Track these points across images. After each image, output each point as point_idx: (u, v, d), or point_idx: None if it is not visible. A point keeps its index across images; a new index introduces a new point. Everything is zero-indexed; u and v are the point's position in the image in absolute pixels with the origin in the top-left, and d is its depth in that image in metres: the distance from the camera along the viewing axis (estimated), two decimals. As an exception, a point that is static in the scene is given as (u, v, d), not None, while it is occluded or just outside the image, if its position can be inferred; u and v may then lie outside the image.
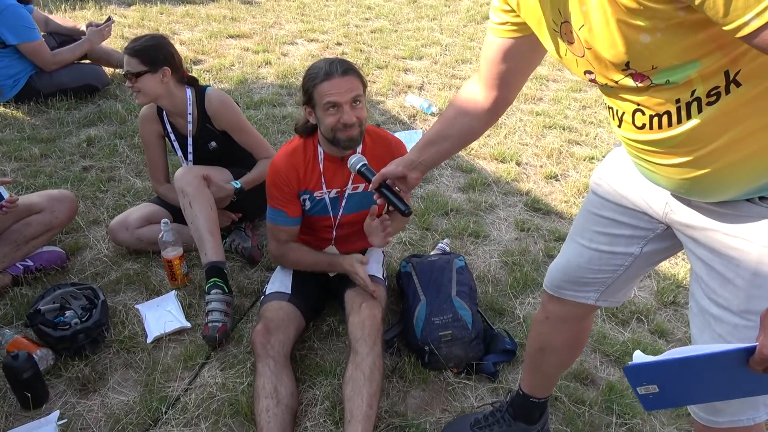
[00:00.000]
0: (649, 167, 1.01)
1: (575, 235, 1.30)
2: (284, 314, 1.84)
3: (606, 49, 0.85)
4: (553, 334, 1.45)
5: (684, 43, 0.78)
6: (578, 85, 4.31)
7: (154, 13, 5.24)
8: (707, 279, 1.02)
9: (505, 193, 2.91)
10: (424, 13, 6.05)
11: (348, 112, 1.69)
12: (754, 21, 0.66)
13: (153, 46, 2.11)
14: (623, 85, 0.89)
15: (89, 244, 2.33)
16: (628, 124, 0.96)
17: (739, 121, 0.85)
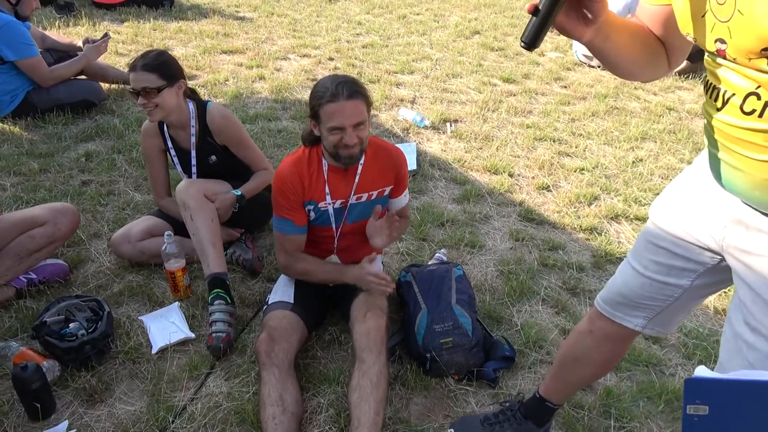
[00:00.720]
0: (736, 162, 0.98)
1: (632, 259, 1.32)
2: (287, 323, 1.87)
3: (761, 19, 0.81)
4: (594, 348, 1.48)
5: None
6: (566, 98, 4.42)
7: (147, 30, 5.28)
8: (750, 305, 1.03)
9: (498, 204, 2.97)
10: (413, 28, 6.16)
11: (351, 134, 1.73)
12: None
13: (167, 61, 2.16)
14: (754, 64, 0.86)
15: (91, 257, 2.35)
16: (734, 108, 0.93)
17: None
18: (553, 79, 4.90)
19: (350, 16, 6.44)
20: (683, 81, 5.07)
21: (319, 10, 6.56)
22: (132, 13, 5.71)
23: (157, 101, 2.10)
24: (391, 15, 6.65)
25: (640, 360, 2.03)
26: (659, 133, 3.95)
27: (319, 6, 6.76)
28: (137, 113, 3.60)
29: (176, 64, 2.18)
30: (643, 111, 4.35)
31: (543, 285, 2.39)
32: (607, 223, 2.86)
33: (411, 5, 7.18)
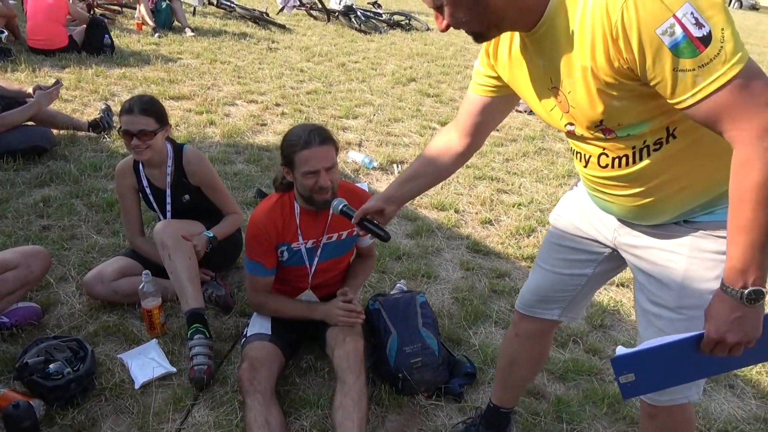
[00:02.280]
0: (606, 198, 1.31)
1: (540, 262, 1.60)
2: (266, 353, 2.00)
3: (587, 109, 1.13)
4: (522, 349, 1.73)
5: (641, 108, 1.08)
6: (500, 140, 4.82)
7: (90, 76, 5.30)
8: (648, 285, 1.33)
9: (448, 238, 3.22)
10: (353, 75, 6.49)
11: (324, 177, 1.91)
12: (689, 99, 0.98)
13: (159, 105, 2.31)
14: (595, 135, 1.18)
15: (60, 300, 2.37)
16: (593, 165, 1.25)
17: (674, 163, 1.16)
18: (486, 123, 5.30)
19: (292, 63, 6.70)
20: (599, 124, 5.62)
21: (261, 58, 6.79)
22: (72, 59, 5.70)
23: (150, 143, 2.23)
24: (330, 63, 6.96)
25: (584, 370, 2.30)
26: (583, 171, 4.39)
27: (260, 54, 6.99)
28: (91, 158, 3.63)
29: (165, 110, 2.33)
30: (567, 151, 4.81)
31: (494, 309, 2.63)
32: (545, 252, 3.16)
33: (348, 54, 7.54)
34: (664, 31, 0.94)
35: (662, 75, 0.98)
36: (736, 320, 1.07)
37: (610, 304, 2.75)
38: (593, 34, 1.02)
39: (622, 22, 0.96)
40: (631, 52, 0.98)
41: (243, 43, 7.38)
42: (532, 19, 1.11)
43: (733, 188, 1.03)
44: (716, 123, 1.00)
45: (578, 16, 1.04)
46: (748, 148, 0.98)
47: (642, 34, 0.96)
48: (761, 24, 23.86)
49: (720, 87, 0.96)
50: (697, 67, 0.95)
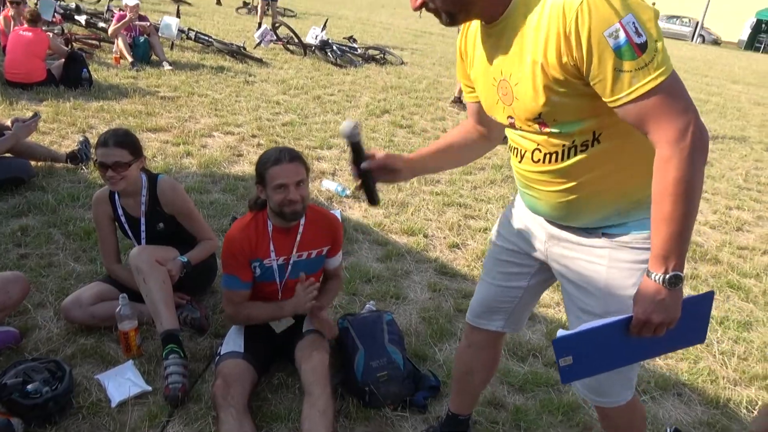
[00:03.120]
0: (535, 194, 1.45)
1: (484, 276, 1.75)
2: (240, 369, 2.10)
3: (529, 101, 1.25)
4: (475, 358, 1.87)
5: (577, 106, 1.22)
6: (468, 169, 5.02)
7: (68, 109, 5.40)
8: (576, 293, 1.48)
9: (417, 261, 3.37)
10: (328, 107, 6.70)
11: (293, 191, 2.07)
12: (624, 98, 1.13)
13: (133, 137, 2.43)
14: (532, 129, 1.31)
15: (38, 325, 2.45)
16: (527, 160, 1.39)
17: (596, 166, 1.30)
18: (455, 152, 5.52)
19: (268, 96, 6.88)
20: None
21: (238, 91, 6.96)
22: (50, 92, 5.80)
23: (124, 174, 2.34)
24: (306, 95, 7.17)
25: (542, 382, 2.43)
26: (547, 196, 4.60)
27: (238, 87, 7.16)
28: (69, 189, 3.72)
29: (139, 142, 2.46)
30: (532, 178, 5.02)
31: (459, 327, 2.76)
32: (508, 273, 3.32)
33: (324, 87, 7.76)
34: (610, 34, 1.09)
35: (604, 73, 1.13)
36: (659, 302, 1.22)
37: (567, 323, 2.90)
38: (548, 31, 1.16)
39: (576, 22, 1.10)
40: (580, 50, 1.12)
41: (220, 77, 7.56)
42: (497, 11, 1.25)
43: (655, 184, 1.18)
44: (643, 123, 1.15)
45: (536, 14, 1.18)
46: (668, 148, 1.13)
47: (591, 34, 1.10)
48: (721, 58, 24.95)
49: (650, 90, 1.11)
50: (634, 69, 1.10)
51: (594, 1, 1.09)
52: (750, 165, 6.55)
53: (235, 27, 12.75)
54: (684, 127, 1.12)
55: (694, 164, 1.13)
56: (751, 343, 2.92)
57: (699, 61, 20.82)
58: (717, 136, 7.86)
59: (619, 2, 1.09)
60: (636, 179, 1.30)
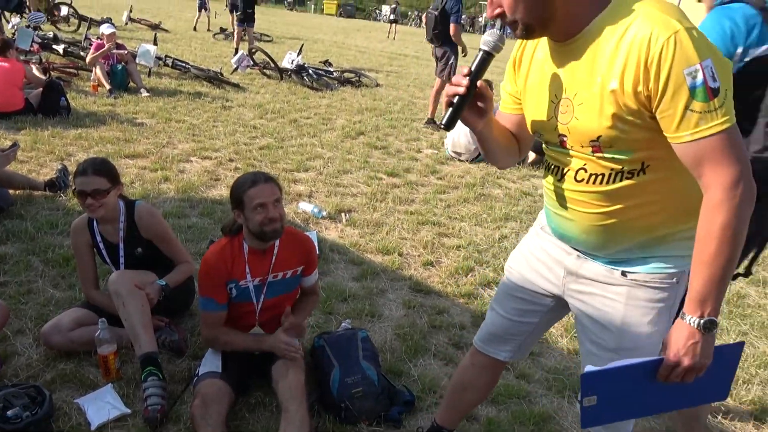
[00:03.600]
0: (569, 215, 1.45)
1: (496, 306, 1.78)
2: (217, 389, 2.16)
3: (591, 123, 1.27)
4: (476, 377, 1.90)
5: (635, 137, 1.25)
6: (442, 188, 5.15)
7: (46, 137, 5.42)
8: (591, 327, 1.51)
9: (391, 279, 3.45)
10: (305, 131, 6.81)
11: (272, 209, 2.16)
12: (688, 136, 1.17)
13: (111, 165, 2.51)
14: (584, 150, 1.32)
15: (18, 351, 2.47)
16: (569, 178, 1.39)
17: (637, 195, 1.32)
18: (430, 172, 5.67)
19: (245, 120, 6.97)
20: (535, 171, 6.06)
21: (215, 116, 7.05)
22: (28, 121, 5.83)
23: (103, 201, 2.41)
24: (283, 119, 7.28)
25: (513, 394, 2.52)
26: (519, 213, 4.75)
27: (215, 112, 7.25)
28: (48, 216, 3.75)
29: (117, 170, 2.54)
30: (505, 196, 5.17)
31: (433, 343, 2.85)
32: (481, 290, 3.43)
33: (300, 110, 7.89)
34: (689, 73, 1.13)
35: (674, 109, 1.16)
36: (692, 346, 1.24)
37: (539, 333, 3.00)
38: (627, 57, 1.18)
39: (660, 54, 1.14)
40: (657, 82, 1.16)
41: (198, 102, 7.64)
42: (573, 30, 1.28)
43: (701, 226, 1.21)
44: (699, 164, 1.19)
45: (615, 39, 1.21)
46: (721, 193, 1.18)
47: (672, 69, 1.14)
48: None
49: (714, 134, 1.16)
50: (703, 111, 1.15)
51: (681, 37, 1.13)
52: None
53: (212, 53, 12.88)
54: (738, 175, 1.17)
55: (743, 213, 1.18)
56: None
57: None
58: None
59: (703, 45, 1.14)
60: (666, 213, 1.36)
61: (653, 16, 1.17)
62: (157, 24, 17.01)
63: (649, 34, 1.15)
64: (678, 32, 1.14)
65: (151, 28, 16.48)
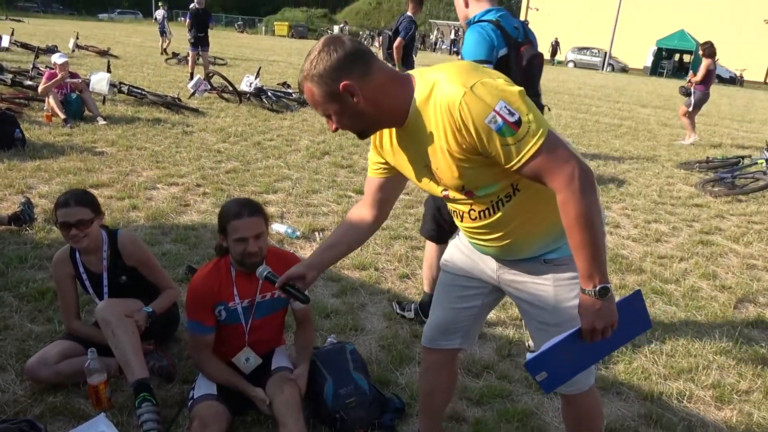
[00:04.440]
0: (480, 243, 1.71)
1: (439, 301, 1.94)
2: (214, 411, 2.20)
3: (450, 179, 1.53)
4: (436, 379, 2.05)
5: (489, 173, 1.48)
6: (410, 203, 5.29)
7: (2, 170, 5.31)
8: (531, 310, 1.75)
9: (370, 294, 3.55)
10: (270, 153, 6.85)
11: (252, 244, 2.21)
12: (516, 164, 1.39)
13: (92, 196, 2.54)
14: (461, 197, 1.58)
15: (1, 388, 2.44)
16: (467, 218, 1.64)
17: (522, 211, 1.57)
18: (396, 188, 5.79)
19: (208, 145, 6.97)
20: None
21: (177, 142, 7.01)
22: (-18, 155, 5.68)
23: (87, 231, 2.42)
24: (246, 142, 7.30)
25: (496, 394, 2.64)
26: (485, 224, 4.91)
27: (177, 138, 7.21)
28: (15, 251, 3.69)
29: (97, 200, 2.57)
30: (470, 208, 5.34)
31: (417, 351, 2.95)
32: (457, 298, 3.56)
33: (263, 133, 7.93)
34: (489, 120, 1.36)
35: (495, 149, 1.40)
36: (597, 311, 1.46)
37: (515, 336, 3.15)
38: (444, 126, 1.43)
39: (461, 118, 1.38)
40: (471, 137, 1.40)
41: (157, 129, 7.58)
42: (401, 118, 1.51)
43: (563, 221, 1.44)
44: (540, 177, 1.42)
45: (431, 114, 1.45)
46: (563, 192, 1.40)
47: (476, 124, 1.37)
48: (630, 84, 26.95)
49: (534, 152, 1.38)
50: (516, 142, 1.38)
51: (469, 99, 1.36)
52: (663, 181, 7.18)
53: (166, 78, 12.78)
54: (570, 172, 1.38)
55: (586, 199, 1.38)
56: (676, 341, 3.26)
57: (610, 89, 22.43)
58: (631, 157, 8.56)
59: (489, 95, 1.36)
60: (551, 215, 1.56)
61: (441, 90, 1.41)
62: (106, 50, 16.76)
63: (447, 105, 1.39)
64: (465, 94, 1.36)
65: (100, 55, 16.23)
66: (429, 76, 1.47)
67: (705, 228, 5.37)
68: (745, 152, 9.20)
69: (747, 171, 7.21)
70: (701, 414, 2.64)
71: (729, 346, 3.22)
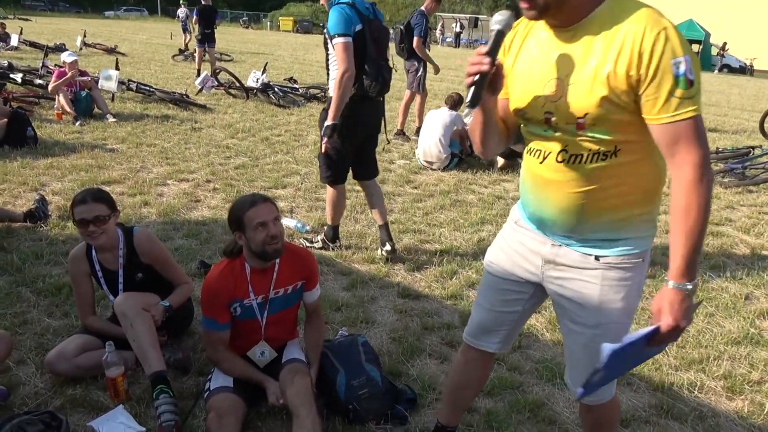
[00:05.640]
0: (549, 196, 1.58)
1: (481, 301, 1.90)
2: (231, 402, 2.24)
3: (581, 102, 1.41)
4: (472, 373, 2.03)
5: (616, 117, 1.40)
6: (418, 197, 5.31)
7: (16, 168, 5.37)
8: (570, 308, 1.66)
9: (380, 287, 3.58)
10: (278, 148, 6.89)
11: (273, 227, 2.26)
12: (667, 118, 1.34)
13: (108, 194, 2.58)
14: (567, 128, 1.46)
15: (22, 381, 2.49)
16: (551, 160, 1.53)
17: (609, 177, 1.48)
18: (404, 182, 5.82)
19: (217, 141, 7.01)
20: (505, 175, 6.29)
21: (186, 138, 7.06)
22: (-5, 153, 5.76)
23: (104, 227, 2.46)
24: (254, 138, 7.34)
25: (507, 385, 2.67)
26: (494, 217, 4.94)
27: (185, 134, 7.26)
28: (32, 247, 3.75)
29: (114, 198, 2.61)
30: (479, 201, 5.36)
31: (427, 343, 2.98)
32: (466, 290, 3.59)
33: (271, 128, 7.96)
34: (674, 63, 1.32)
35: (659, 93, 1.34)
36: (686, 309, 1.41)
37: (525, 328, 3.17)
38: (622, 45, 1.36)
39: (651, 46, 1.32)
40: (647, 69, 1.33)
41: (166, 125, 7.64)
42: (575, 18, 1.43)
43: (678, 202, 1.38)
44: (675, 143, 1.37)
45: (612, 30, 1.38)
46: (695, 171, 1.36)
47: (661, 59, 1.32)
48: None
49: (690, 118, 1.35)
50: (682, 98, 1.33)
51: (669, 33, 1.32)
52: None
53: (174, 74, 12.84)
54: (707, 156, 1.36)
55: (709, 189, 1.36)
56: (687, 332, 3.27)
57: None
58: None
59: (685, 43, 1.34)
60: (630, 196, 1.51)
61: (645, 14, 1.36)
62: (113, 47, 16.84)
63: (643, 28, 1.34)
64: (666, 28, 1.33)
65: (107, 52, 16.32)
66: (627, 1, 1.41)
67: (715, 219, 5.36)
68: (755, 143, 9.15)
69: (758, 161, 7.17)
70: (712, 404, 2.66)
71: (740, 336, 3.23)
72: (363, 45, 3.42)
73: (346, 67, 3.33)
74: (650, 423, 2.49)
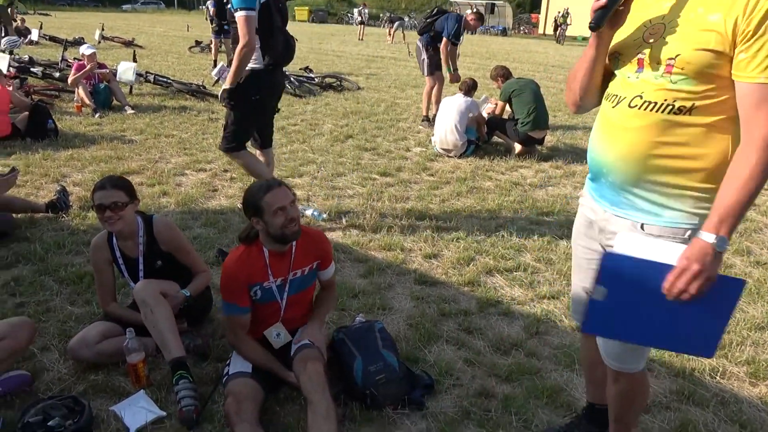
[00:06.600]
0: (615, 138, 1.59)
1: (576, 281, 1.94)
2: (249, 387, 2.26)
3: (677, 43, 1.42)
4: (594, 350, 1.96)
5: (706, 67, 1.40)
6: (435, 184, 5.28)
7: (38, 160, 5.46)
8: None
9: (397, 274, 3.57)
10: (294, 137, 6.90)
11: (291, 210, 2.27)
12: (762, 78, 1.33)
13: (128, 182, 2.61)
14: (654, 70, 1.48)
15: (46, 367, 2.55)
16: (623, 105, 1.54)
17: (677, 134, 1.48)
18: (421, 169, 5.80)
19: (234, 131, 7.03)
20: (522, 161, 6.23)
21: (204, 128, 7.11)
22: (17, 145, 5.85)
23: (122, 214, 2.49)
24: (271, 127, 7.35)
25: (525, 371, 2.65)
26: (511, 203, 4.90)
27: (203, 125, 7.31)
28: (54, 237, 3.81)
29: (134, 187, 2.64)
30: (496, 188, 5.32)
31: (444, 329, 2.97)
32: (483, 277, 3.57)
33: (286, 117, 7.97)
34: None
35: (756, 48, 1.33)
36: (703, 255, 1.39)
37: (543, 314, 3.15)
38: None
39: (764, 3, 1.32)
40: (753, 21, 1.32)
41: (184, 116, 7.69)
42: None
43: (747, 154, 1.36)
44: (759, 105, 1.36)
45: None
46: None
47: None
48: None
49: None
50: None
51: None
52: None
53: (190, 66, 12.90)
54: None
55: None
56: (707, 317, 3.21)
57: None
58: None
59: None
60: (696, 163, 1.50)
61: None
62: (131, 40, 16.97)
63: None
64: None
65: (125, 45, 16.45)
66: None
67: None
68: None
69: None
70: (735, 390, 2.62)
71: (764, 322, 3.17)
72: (269, 16, 3.59)
73: (247, 40, 3.42)
74: (671, 409, 2.46)
